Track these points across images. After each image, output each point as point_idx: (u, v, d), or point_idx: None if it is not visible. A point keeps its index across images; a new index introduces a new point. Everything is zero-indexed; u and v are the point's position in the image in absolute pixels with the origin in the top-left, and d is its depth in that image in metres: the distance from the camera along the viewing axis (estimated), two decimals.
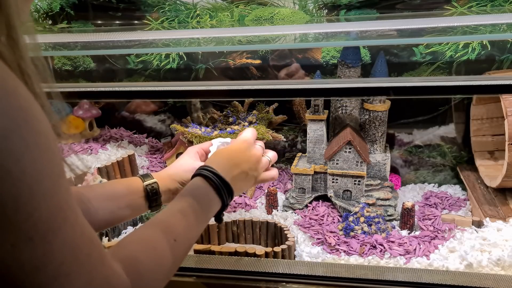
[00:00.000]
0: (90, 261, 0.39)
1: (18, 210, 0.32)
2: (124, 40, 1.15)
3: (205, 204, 0.66)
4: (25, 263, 0.34)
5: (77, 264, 0.38)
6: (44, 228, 0.34)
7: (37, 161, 0.34)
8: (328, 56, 1.42)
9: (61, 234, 0.36)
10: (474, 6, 1.27)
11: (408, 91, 0.84)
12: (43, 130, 0.35)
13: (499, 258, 0.96)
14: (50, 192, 0.35)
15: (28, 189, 0.33)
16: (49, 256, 0.35)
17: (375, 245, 1.07)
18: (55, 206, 0.35)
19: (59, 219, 0.36)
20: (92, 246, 0.40)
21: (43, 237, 0.34)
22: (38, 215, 0.34)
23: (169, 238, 0.56)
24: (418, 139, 1.46)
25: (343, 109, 1.32)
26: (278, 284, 0.92)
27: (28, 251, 0.34)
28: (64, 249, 0.36)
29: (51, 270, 0.35)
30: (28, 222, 0.33)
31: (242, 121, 1.44)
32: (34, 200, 0.33)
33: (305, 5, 1.39)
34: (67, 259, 0.37)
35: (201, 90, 0.94)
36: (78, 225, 0.38)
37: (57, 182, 0.36)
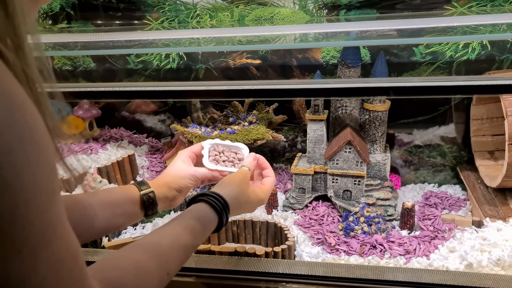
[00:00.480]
0: (70, 277, 0.39)
1: (13, 223, 0.33)
2: (124, 40, 1.15)
3: (205, 232, 0.68)
4: (12, 276, 0.34)
5: (58, 280, 0.38)
6: (34, 242, 0.34)
7: (36, 176, 0.34)
8: (328, 56, 1.42)
9: (49, 248, 0.36)
10: (474, 6, 1.27)
11: (408, 91, 0.84)
12: (44, 146, 0.35)
13: (499, 258, 0.96)
14: (45, 206, 0.35)
15: (25, 203, 0.33)
16: (34, 270, 0.35)
17: (375, 245, 1.07)
18: (48, 220, 0.36)
19: (49, 233, 0.36)
20: (75, 262, 0.40)
21: (32, 251, 0.34)
22: (30, 229, 0.34)
23: (161, 271, 0.56)
24: (418, 139, 1.46)
25: (343, 109, 1.32)
26: (278, 284, 0.92)
27: (16, 264, 0.34)
28: (49, 263, 0.36)
29: (34, 284, 0.35)
30: (20, 235, 0.33)
31: (242, 121, 1.44)
32: (29, 213, 0.34)
33: (305, 5, 1.39)
34: (50, 274, 0.37)
35: (201, 90, 0.94)
36: (65, 240, 0.38)
37: (51, 197, 0.36)
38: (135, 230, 1.22)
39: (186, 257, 0.63)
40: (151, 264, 0.55)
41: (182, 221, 0.66)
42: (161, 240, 0.60)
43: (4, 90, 0.33)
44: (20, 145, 0.33)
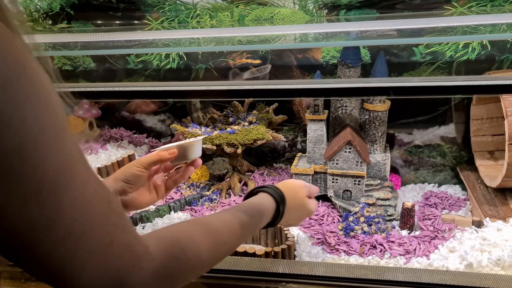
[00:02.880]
0: (108, 223, 0.38)
1: (22, 162, 0.31)
2: (124, 40, 1.15)
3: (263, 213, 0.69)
4: (35, 221, 0.33)
5: (92, 224, 0.36)
6: (51, 183, 0.33)
7: (38, 112, 0.32)
8: (328, 56, 1.42)
9: (70, 190, 0.35)
10: (474, 6, 1.27)
11: (408, 91, 0.84)
12: (42, 83, 0.34)
13: (499, 258, 0.96)
14: (56, 145, 0.34)
15: (31, 141, 0.32)
16: (59, 213, 0.34)
17: (375, 245, 1.07)
18: (62, 160, 0.34)
19: (67, 174, 0.34)
20: (109, 209, 0.39)
21: (51, 193, 0.33)
22: (44, 169, 0.33)
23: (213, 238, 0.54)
24: (418, 139, 1.46)
25: (343, 109, 1.32)
26: (278, 284, 0.92)
27: (37, 207, 0.33)
28: (76, 206, 0.35)
29: (63, 228, 0.34)
30: (34, 176, 0.32)
31: (242, 121, 1.44)
32: (38, 152, 0.32)
33: (305, 5, 1.39)
34: (80, 218, 0.35)
35: (201, 90, 0.94)
36: (90, 184, 0.37)
37: (61, 135, 0.34)
38: None
39: (244, 232, 0.61)
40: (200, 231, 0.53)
41: (237, 205, 0.67)
42: (209, 217, 0.58)
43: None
44: (15, 80, 0.31)
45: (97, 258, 0.37)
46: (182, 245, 0.47)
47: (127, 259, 0.39)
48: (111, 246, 0.38)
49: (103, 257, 0.38)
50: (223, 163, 1.65)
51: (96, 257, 0.37)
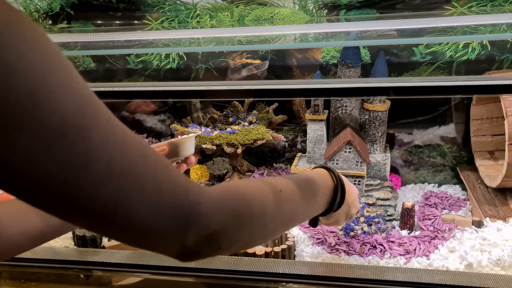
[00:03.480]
0: (148, 161, 0.37)
1: (39, 106, 0.30)
2: (124, 40, 1.15)
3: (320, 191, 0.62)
4: (66, 163, 0.32)
5: (131, 161, 0.36)
6: (75, 123, 0.32)
7: (42, 56, 0.31)
8: (328, 56, 1.42)
9: (97, 129, 0.34)
10: (474, 6, 1.27)
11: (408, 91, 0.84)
12: (40, 30, 0.33)
13: (499, 258, 0.96)
14: (69, 85, 0.33)
15: (41, 82, 0.31)
16: (92, 154, 0.33)
17: (375, 245, 1.07)
18: (79, 100, 0.33)
19: (90, 113, 0.34)
20: (146, 150, 0.38)
21: (77, 134, 0.32)
22: (63, 110, 0.32)
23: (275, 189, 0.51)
24: (418, 139, 1.46)
25: (343, 109, 1.32)
26: (278, 284, 0.92)
27: (65, 149, 0.32)
28: (108, 145, 0.34)
29: (100, 168, 0.34)
30: (55, 117, 0.31)
31: (242, 121, 1.44)
32: (51, 93, 0.31)
33: (305, 5, 1.39)
34: (116, 156, 0.35)
35: (201, 90, 0.94)
36: (117, 124, 0.36)
37: (71, 76, 0.33)
38: None
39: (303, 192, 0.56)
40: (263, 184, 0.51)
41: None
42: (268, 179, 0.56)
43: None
44: (13, 24, 0.30)
45: (147, 194, 0.36)
46: (241, 190, 0.46)
47: (181, 194, 0.39)
48: (158, 182, 0.37)
49: (153, 193, 0.37)
50: (223, 163, 1.65)
51: (147, 193, 0.36)
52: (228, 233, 0.43)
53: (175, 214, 0.38)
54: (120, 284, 0.99)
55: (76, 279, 0.99)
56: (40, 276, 1.02)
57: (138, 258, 0.99)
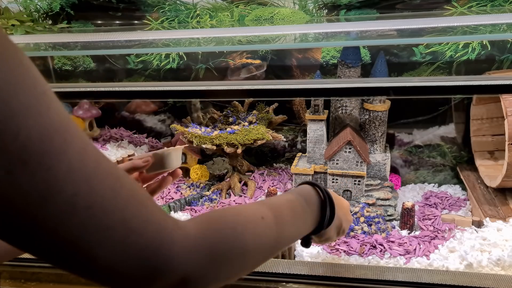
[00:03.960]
0: (119, 197, 0.34)
1: (1, 130, 0.28)
2: (124, 40, 1.15)
3: (306, 209, 0.58)
4: (26, 192, 0.30)
5: (97, 198, 0.33)
6: (37, 151, 0.30)
7: (7, 74, 0.29)
8: (328, 56, 1.42)
9: (64, 159, 0.31)
10: (474, 6, 1.27)
11: (408, 91, 0.84)
12: (9, 45, 0.31)
13: (499, 258, 0.96)
14: (36, 108, 0.30)
15: (4, 104, 0.29)
16: (55, 184, 0.31)
17: (375, 245, 1.07)
18: (48, 125, 0.31)
19: (57, 141, 0.31)
20: (118, 183, 0.35)
21: (39, 161, 0.30)
22: (26, 134, 0.29)
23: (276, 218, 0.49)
24: (418, 139, 1.46)
25: (343, 109, 1.32)
26: (278, 284, 0.92)
27: (26, 177, 0.30)
28: (74, 178, 0.31)
29: (62, 200, 0.31)
30: (16, 143, 0.29)
31: (242, 121, 1.44)
32: (15, 116, 0.29)
33: (305, 5, 1.39)
34: (82, 190, 0.32)
35: (201, 90, 0.94)
36: (89, 154, 0.33)
37: (41, 99, 0.31)
38: None
39: (288, 214, 0.54)
40: (263, 209, 0.48)
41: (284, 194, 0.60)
42: (268, 200, 0.53)
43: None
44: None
45: (113, 234, 0.34)
46: (221, 223, 0.44)
47: (152, 234, 0.35)
48: (127, 221, 0.34)
49: (120, 233, 0.34)
50: (223, 163, 1.65)
51: (113, 233, 0.34)
52: (203, 274, 0.40)
53: (142, 257, 0.35)
54: None
55: (76, 279, 0.99)
56: (40, 276, 1.01)
57: None
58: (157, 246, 0.36)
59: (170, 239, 0.37)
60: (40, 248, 0.33)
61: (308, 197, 0.60)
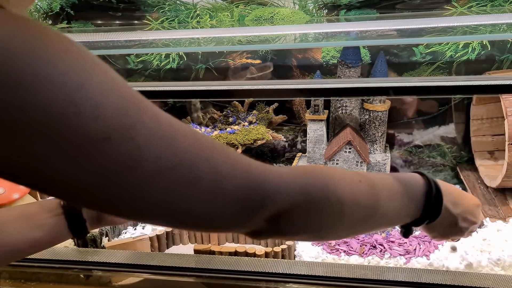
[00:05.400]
0: (202, 151, 0.36)
1: (79, 113, 0.30)
2: (124, 40, 1.15)
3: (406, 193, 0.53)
4: (114, 165, 0.32)
5: (183, 155, 0.34)
6: (117, 124, 0.32)
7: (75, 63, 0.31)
8: (328, 56, 1.42)
9: (142, 128, 0.33)
10: (474, 6, 1.27)
11: (408, 91, 0.84)
12: (69, 39, 0.32)
13: (499, 258, 0.96)
14: (107, 88, 0.32)
15: (79, 90, 0.30)
16: (139, 152, 0.32)
17: (375, 245, 1.07)
18: (120, 100, 0.32)
19: (132, 114, 0.33)
20: (197, 138, 0.36)
21: (121, 134, 0.32)
22: (104, 113, 0.31)
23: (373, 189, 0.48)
24: (418, 139, 1.46)
25: (343, 109, 1.32)
26: (278, 284, 0.92)
27: (111, 151, 0.31)
28: (155, 142, 0.33)
29: (149, 166, 0.33)
30: (98, 121, 0.31)
31: (242, 121, 1.44)
32: (91, 98, 0.31)
33: (305, 5, 1.39)
34: (166, 151, 0.34)
35: (201, 90, 0.94)
36: (163, 118, 0.35)
37: (109, 78, 0.33)
38: (135, 230, 1.22)
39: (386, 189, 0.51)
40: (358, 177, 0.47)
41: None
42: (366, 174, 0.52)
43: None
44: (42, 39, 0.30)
45: (205, 184, 0.35)
46: (318, 171, 0.44)
47: (243, 176, 0.37)
48: (215, 170, 0.36)
49: (212, 181, 0.36)
50: None
51: (204, 183, 0.35)
52: (294, 215, 0.41)
53: (237, 198, 0.37)
54: (120, 284, 0.99)
55: (76, 279, 0.99)
56: (40, 276, 1.01)
57: (138, 258, 0.99)
58: (249, 186, 0.38)
59: (262, 179, 0.39)
60: (138, 214, 0.36)
61: (411, 183, 0.55)
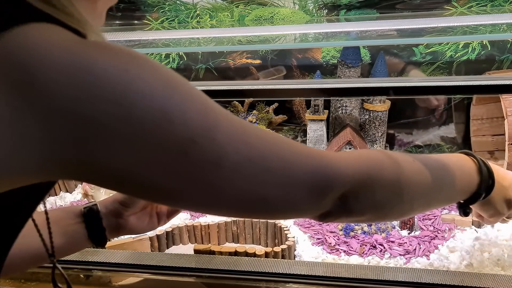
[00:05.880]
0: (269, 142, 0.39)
1: (170, 121, 0.34)
2: (124, 40, 1.15)
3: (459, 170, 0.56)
4: (201, 165, 0.35)
5: (255, 148, 0.38)
6: (202, 127, 0.35)
7: (162, 78, 0.35)
8: (328, 56, 1.42)
9: (220, 128, 0.36)
10: (474, 6, 1.27)
11: (408, 91, 0.84)
12: (153, 60, 0.36)
13: (499, 258, 0.96)
14: (189, 96, 0.36)
15: (168, 100, 0.34)
16: (220, 150, 0.36)
17: (375, 245, 1.07)
18: (201, 105, 0.36)
19: (211, 116, 0.36)
20: (261, 131, 0.40)
21: (205, 136, 0.35)
22: (190, 118, 0.35)
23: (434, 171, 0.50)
24: (418, 139, 1.46)
25: (343, 109, 1.32)
26: (278, 284, 0.92)
27: (198, 153, 0.35)
28: (233, 139, 0.37)
29: (229, 161, 0.36)
30: (185, 127, 0.34)
31: None
32: (178, 106, 0.34)
33: (305, 5, 1.39)
34: (242, 147, 0.37)
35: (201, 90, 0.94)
36: (236, 119, 0.39)
37: (189, 88, 0.37)
38: None
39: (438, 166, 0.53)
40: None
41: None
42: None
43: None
44: (134, 61, 0.34)
45: (277, 173, 0.39)
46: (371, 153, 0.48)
47: (308, 162, 0.41)
48: (284, 159, 0.39)
49: (282, 170, 0.39)
50: None
51: (276, 173, 0.39)
52: (359, 193, 0.44)
53: (306, 183, 0.41)
54: (120, 284, 0.99)
55: (76, 279, 0.99)
56: (40, 276, 1.01)
57: (138, 258, 0.99)
58: (315, 171, 0.41)
59: (325, 163, 0.42)
60: (223, 208, 0.40)
61: (461, 161, 0.58)
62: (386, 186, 0.47)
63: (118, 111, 0.31)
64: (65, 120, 0.31)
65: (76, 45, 0.32)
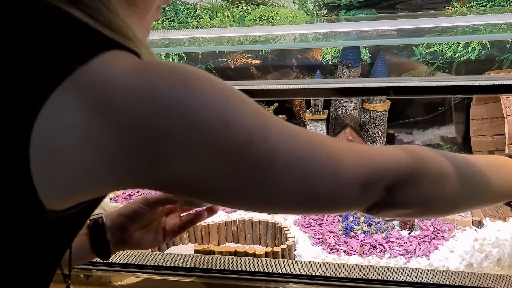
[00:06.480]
0: (313, 140, 0.41)
1: (228, 126, 0.36)
2: None
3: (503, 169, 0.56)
4: (257, 166, 0.37)
5: (304, 146, 0.40)
6: (255, 129, 0.37)
7: (216, 87, 0.37)
8: (328, 56, 1.42)
9: (271, 129, 0.38)
10: (474, 6, 1.27)
11: (408, 91, 0.84)
12: (205, 71, 0.39)
13: (499, 258, 0.96)
14: (241, 102, 0.38)
15: (225, 107, 0.36)
16: (273, 150, 0.38)
17: (375, 245, 1.07)
18: (252, 109, 0.38)
19: (261, 118, 0.38)
20: (306, 131, 0.42)
21: (259, 137, 0.37)
22: (245, 121, 0.37)
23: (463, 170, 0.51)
24: (418, 139, 1.46)
25: (343, 109, 1.32)
26: (278, 284, 0.92)
27: (254, 153, 0.37)
28: (283, 138, 0.39)
29: (282, 160, 0.38)
30: (242, 131, 0.36)
31: None
32: (234, 111, 0.37)
33: (305, 5, 1.39)
34: (292, 145, 0.39)
35: None
36: (279, 119, 0.41)
37: (240, 94, 0.39)
38: None
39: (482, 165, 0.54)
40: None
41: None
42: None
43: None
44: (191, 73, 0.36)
45: (327, 169, 0.41)
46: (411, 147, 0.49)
47: (354, 158, 0.42)
48: (331, 155, 0.41)
49: (330, 166, 0.41)
50: None
51: (326, 169, 0.41)
52: (404, 186, 0.46)
53: (353, 178, 0.42)
54: (120, 284, 0.99)
55: (76, 279, 0.99)
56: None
57: (138, 258, 0.99)
58: (361, 165, 0.43)
59: (369, 157, 0.44)
60: (278, 205, 0.42)
61: (503, 160, 0.59)
62: (429, 179, 0.48)
63: (182, 122, 0.34)
64: (137, 134, 0.34)
65: (141, 66, 0.36)
